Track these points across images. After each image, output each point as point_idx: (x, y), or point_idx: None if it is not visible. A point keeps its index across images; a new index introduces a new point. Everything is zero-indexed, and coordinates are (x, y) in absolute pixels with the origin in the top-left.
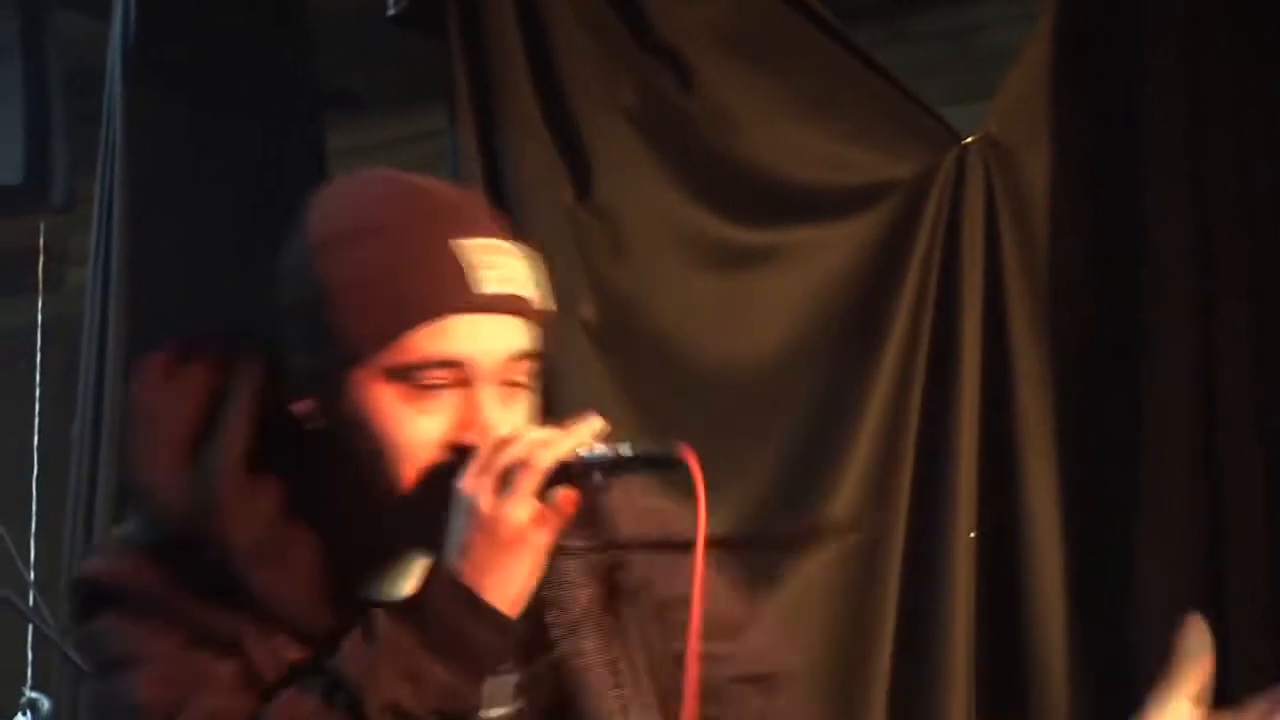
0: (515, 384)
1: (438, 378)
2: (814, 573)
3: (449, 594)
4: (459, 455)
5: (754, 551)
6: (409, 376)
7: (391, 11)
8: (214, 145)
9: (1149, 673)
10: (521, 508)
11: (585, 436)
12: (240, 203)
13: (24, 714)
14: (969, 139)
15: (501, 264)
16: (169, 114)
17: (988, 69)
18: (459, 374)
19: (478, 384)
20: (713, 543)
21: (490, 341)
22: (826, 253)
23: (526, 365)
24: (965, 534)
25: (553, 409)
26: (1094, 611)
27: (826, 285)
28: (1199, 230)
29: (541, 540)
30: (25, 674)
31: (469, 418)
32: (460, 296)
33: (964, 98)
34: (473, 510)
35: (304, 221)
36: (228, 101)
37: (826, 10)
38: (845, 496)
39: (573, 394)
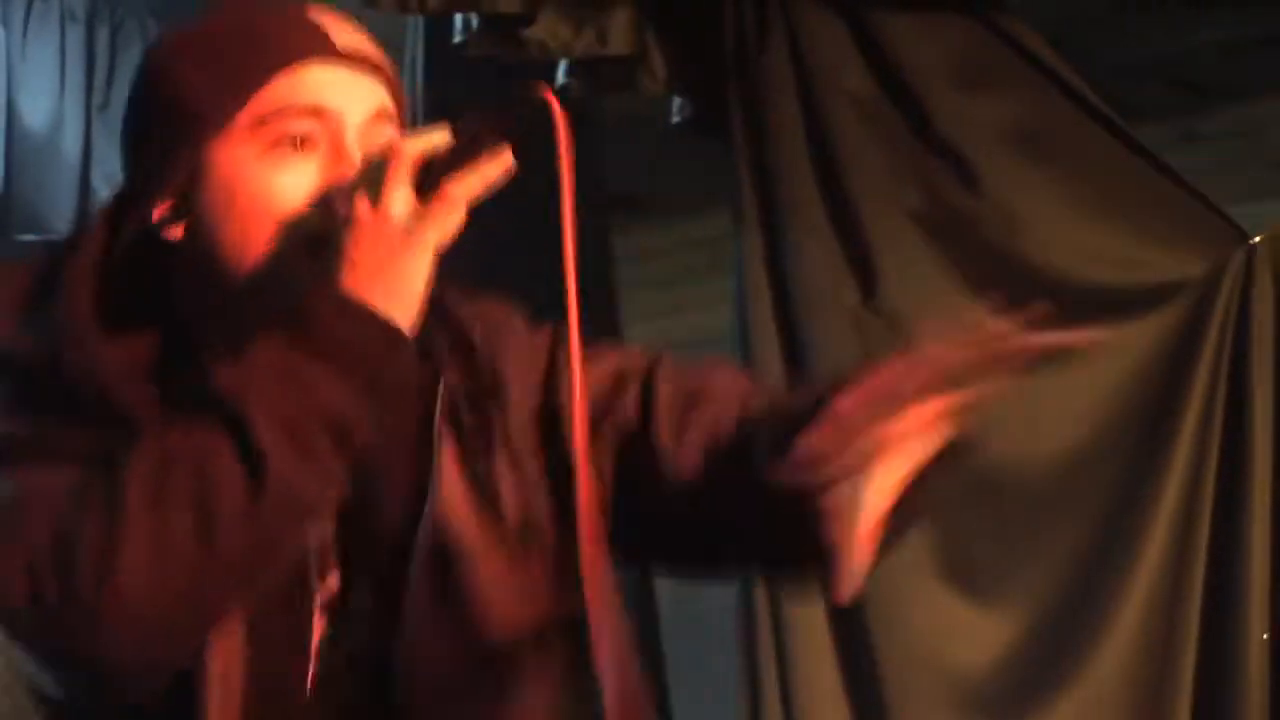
0: None
1: (301, 129)
2: (1104, 681)
3: (331, 301)
4: (330, 207)
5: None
6: (271, 129)
7: (676, 118)
8: (502, 247)
9: None
10: (397, 201)
11: (441, 130)
12: (526, 304)
13: None
14: (1257, 238)
15: (355, 32)
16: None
17: None
18: (323, 127)
19: (343, 140)
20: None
21: (352, 93)
22: (1115, 353)
23: (391, 130)
24: (1259, 636)
25: None
26: None
27: (1115, 386)
28: None
29: (426, 237)
30: None
31: (338, 170)
32: (317, 46)
33: (1260, 195)
34: (348, 220)
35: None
36: (517, 203)
37: (1111, 109)
38: (1136, 599)
39: None
